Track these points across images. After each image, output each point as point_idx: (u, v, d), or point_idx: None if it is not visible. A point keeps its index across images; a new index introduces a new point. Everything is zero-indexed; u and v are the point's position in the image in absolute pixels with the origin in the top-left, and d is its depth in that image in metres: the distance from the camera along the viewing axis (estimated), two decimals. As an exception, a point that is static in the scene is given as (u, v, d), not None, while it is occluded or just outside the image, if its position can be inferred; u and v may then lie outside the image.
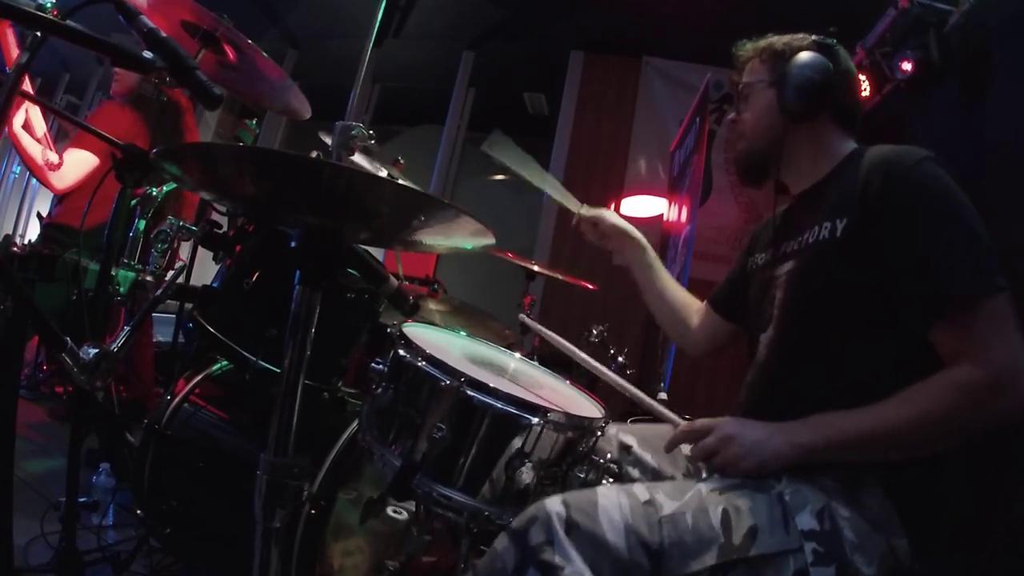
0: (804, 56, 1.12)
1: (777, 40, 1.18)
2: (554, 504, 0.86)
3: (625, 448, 1.16)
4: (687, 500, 0.90)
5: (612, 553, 0.83)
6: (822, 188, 1.14)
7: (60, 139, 4.56)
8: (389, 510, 1.27)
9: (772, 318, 1.11)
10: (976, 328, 0.88)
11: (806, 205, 1.16)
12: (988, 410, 0.87)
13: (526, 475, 0.95)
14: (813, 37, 1.16)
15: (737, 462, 0.94)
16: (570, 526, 0.84)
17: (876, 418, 0.90)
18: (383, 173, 1.81)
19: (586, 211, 1.45)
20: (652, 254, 1.45)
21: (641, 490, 0.91)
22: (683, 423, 1.04)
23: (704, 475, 1.14)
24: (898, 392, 0.91)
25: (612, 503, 0.87)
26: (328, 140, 1.24)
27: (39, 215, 2.47)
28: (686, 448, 1.17)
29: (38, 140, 2.11)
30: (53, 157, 2.15)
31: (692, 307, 1.47)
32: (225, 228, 1.55)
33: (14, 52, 1.80)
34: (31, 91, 1.92)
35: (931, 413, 0.88)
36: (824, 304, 1.03)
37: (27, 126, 2.09)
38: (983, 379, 0.86)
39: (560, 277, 2.65)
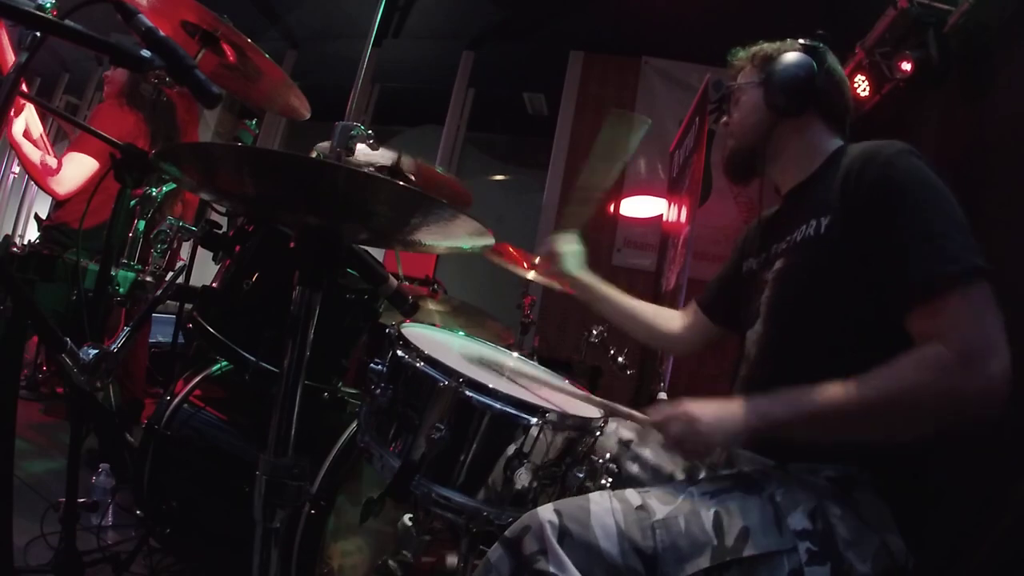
0: (788, 55, 1.16)
1: (768, 46, 1.21)
2: (546, 513, 0.86)
3: (625, 444, 1.17)
4: (679, 504, 0.90)
5: (606, 559, 0.83)
6: (809, 186, 1.15)
7: (59, 140, 4.56)
8: (406, 518, 1.26)
9: (759, 315, 1.12)
10: (948, 310, 0.87)
11: (794, 204, 1.18)
12: (952, 388, 0.84)
13: (525, 475, 0.95)
14: (801, 41, 1.18)
15: (705, 440, 0.93)
16: (563, 534, 0.84)
17: (841, 393, 0.89)
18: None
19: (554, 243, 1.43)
20: (600, 288, 1.45)
21: (633, 495, 0.91)
22: (644, 418, 1.02)
23: (703, 472, 1.14)
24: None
25: (604, 510, 0.87)
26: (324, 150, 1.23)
27: (37, 217, 2.46)
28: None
29: (34, 142, 2.09)
30: (52, 161, 2.11)
31: (663, 314, 1.48)
32: (225, 228, 1.55)
33: (9, 55, 1.79)
34: (27, 92, 1.91)
35: (895, 389, 0.86)
36: (811, 300, 1.04)
37: (26, 131, 2.05)
38: (948, 356, 0.84)
39: (557, 286, 2.61)
